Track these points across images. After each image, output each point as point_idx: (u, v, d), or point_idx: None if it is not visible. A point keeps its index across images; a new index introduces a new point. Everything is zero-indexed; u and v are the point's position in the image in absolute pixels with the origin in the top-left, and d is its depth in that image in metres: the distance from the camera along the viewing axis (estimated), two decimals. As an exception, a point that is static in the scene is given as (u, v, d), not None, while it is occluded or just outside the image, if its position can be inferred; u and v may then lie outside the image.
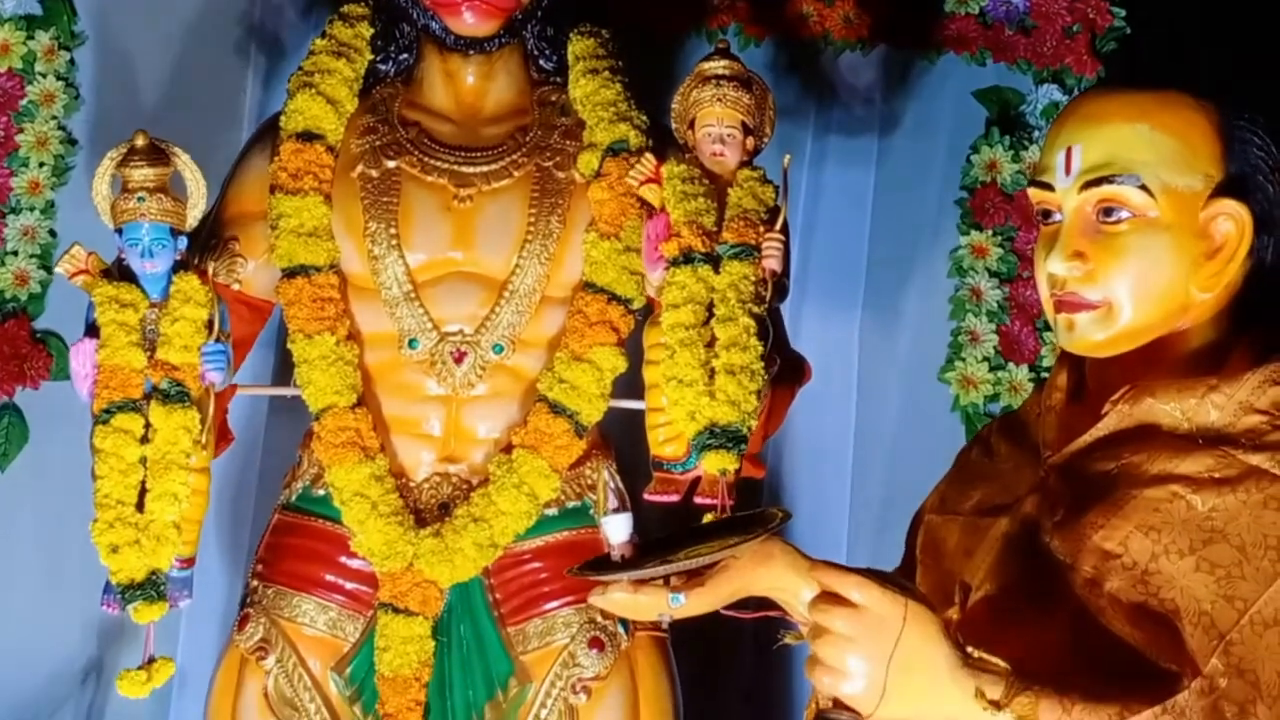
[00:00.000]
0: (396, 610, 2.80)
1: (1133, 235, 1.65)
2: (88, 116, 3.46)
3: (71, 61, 3.45)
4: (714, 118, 2.70)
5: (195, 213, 2.75)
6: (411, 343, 2.85)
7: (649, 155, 2.76)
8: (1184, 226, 1.65)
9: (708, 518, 2.52)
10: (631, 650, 2.87)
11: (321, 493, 2.88)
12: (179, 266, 2.72)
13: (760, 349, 2.59)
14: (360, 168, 2.89)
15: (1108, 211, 1.66)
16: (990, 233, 3.47)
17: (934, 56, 3.57)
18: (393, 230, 2.85)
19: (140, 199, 2.66)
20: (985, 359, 3.44)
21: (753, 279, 2.62)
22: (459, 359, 2.84)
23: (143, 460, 2.64)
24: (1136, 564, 1.55)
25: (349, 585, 2.87)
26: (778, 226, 2.65)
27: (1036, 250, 1.75)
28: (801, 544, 1.70)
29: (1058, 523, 1.63)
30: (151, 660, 2.70)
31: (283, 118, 2.92)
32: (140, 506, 2.63)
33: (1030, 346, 3.44)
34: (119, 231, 2.69)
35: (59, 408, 3.33)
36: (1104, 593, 1.56)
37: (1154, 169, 1.64)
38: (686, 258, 2.64)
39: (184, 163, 2.74)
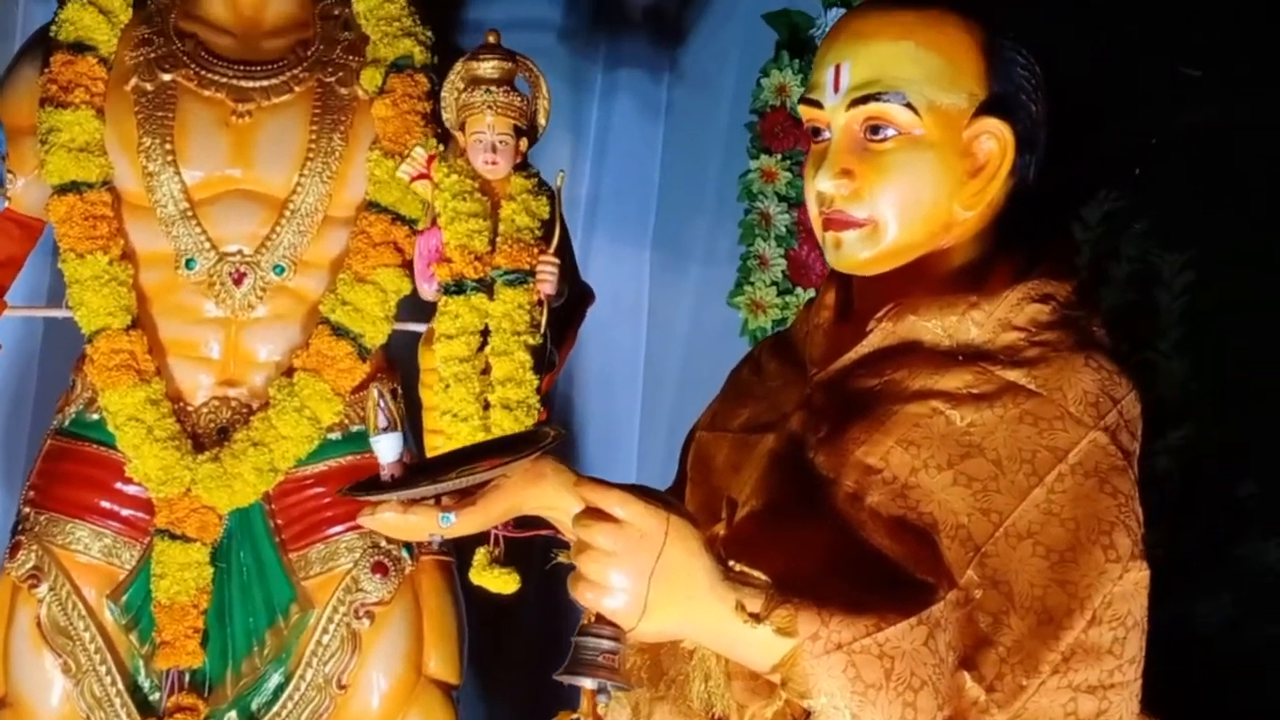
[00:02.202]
0: (174, 537, 2.76)
1: (898, 153, 1.66)
2: None
3: None
4: (484, 125, 2.67)
5: None
6: (189, 263, 2.81)
7: (419, 149, 2.75)
8: (948, 144, 1.66)
9: None
10: (416, 574, 2.87)
11: (95, 417, 2.83)
12: None
13: (536, 382, 2.61)
14: (134, 80, 2.84)
15: (875, 129, 1.66)
16: (779, 157, 3.47)
17: (710, -22, 3.56)
18: (168, 146, 2.80)
19: None
20: (774, 283, 3.45)
21: (527, 307, 2.62)
22: (238, 280, 2.81)
23: None
24: (897, 478, 1.56)
25: (124, 511, 2.83)
26: (552, 248, 2.65)
27: (806, 168, 1.74)
28: (591, 467, 1.70)
29: (822, 439, 1.64)
30: None
31: (53, 28, 2.88)
32: None
33: (818, 271, 3.42)
34: None
35: None
36: (865, 507, 1.57)
37: (919, 86, 1.65)
38: (459, 286, 2.65)
39: None
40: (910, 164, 1.66)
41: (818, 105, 1.71)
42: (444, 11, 2.95)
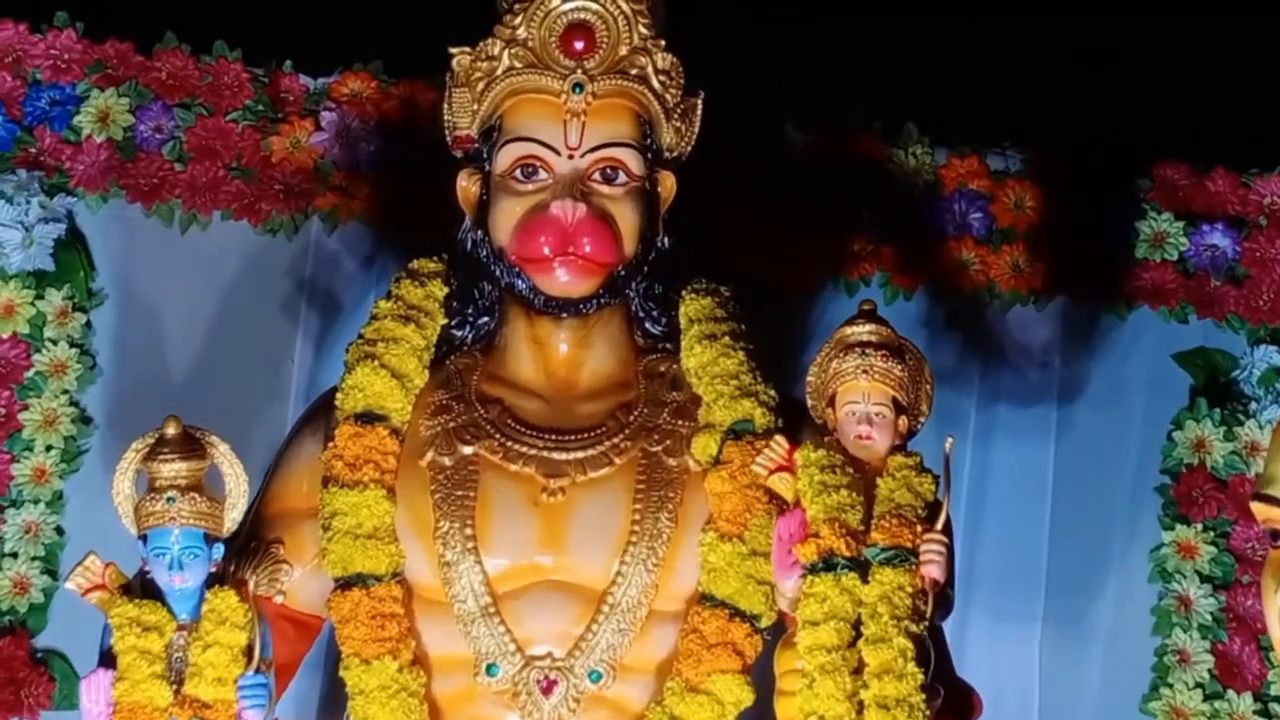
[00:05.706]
0: None
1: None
2: (106, 390, 3.31)
3: (88, 325, 3.30)
4: (859, 393, 2.56)
5: (234, 514, 2.62)
6: (490, 669, 2.62)
7: (780, 438, 2.60)
8: None
9: None
10: None
11: None
12: (213, 580, 2.58)
13: (919, 677, 2.41)
14: (431, 455, 2.72)
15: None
16: (1200, 527, 3.32)
17: (1124, 311, 3.47)
18: (469, 530, 2.65)
19: (170, 500, 2.53)
20: (1199, 685, 3.25)
21: (909, 590, 2.45)
22: (548, 689, 2.61)
23: None
24: None
25: None
26: (939, 525, 2.49)
27: (1264, 578, 1.69)
28: None
29: None
30: None
31: (339, 395, 2.78)
32: None
33: (1254, 670, 3.25)
34: (143, 539, 2.55)
35: (61, 742, 3.22)
36: None
37: None
38: (827, 564, 2.47)
39: (222, 454, 2.61)
40: None
41: (1281, 504, 1.51)
42: (788, 365, 2.83)
